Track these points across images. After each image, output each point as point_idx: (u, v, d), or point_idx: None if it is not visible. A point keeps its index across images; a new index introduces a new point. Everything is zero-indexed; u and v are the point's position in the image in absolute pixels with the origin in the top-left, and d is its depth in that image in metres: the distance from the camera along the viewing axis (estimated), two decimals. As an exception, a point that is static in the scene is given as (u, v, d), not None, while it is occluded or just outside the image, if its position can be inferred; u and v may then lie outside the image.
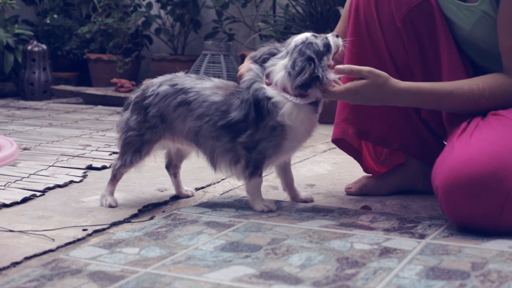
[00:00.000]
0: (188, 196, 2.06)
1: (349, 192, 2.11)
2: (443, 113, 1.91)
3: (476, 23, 1.79)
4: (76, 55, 5.58)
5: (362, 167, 2.20)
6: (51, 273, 1.36)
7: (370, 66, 1.97)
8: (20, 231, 1.66)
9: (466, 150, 1.61)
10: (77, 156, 2.68)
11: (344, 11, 2.10)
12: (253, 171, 1.84)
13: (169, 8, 5.39)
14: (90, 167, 2.48)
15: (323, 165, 2.60)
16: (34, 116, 3.98)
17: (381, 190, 2.10)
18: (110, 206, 1.91)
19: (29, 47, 4.96)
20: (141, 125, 1.89)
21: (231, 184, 2.22)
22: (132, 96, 1.95)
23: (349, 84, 1.77)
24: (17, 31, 5.09)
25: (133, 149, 1.91)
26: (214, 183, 2.24)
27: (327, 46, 1.82)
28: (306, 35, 1.83)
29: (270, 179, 2.28)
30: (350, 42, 2.00)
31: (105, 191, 1.95)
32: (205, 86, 1.86)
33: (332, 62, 1.83)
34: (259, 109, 1.79)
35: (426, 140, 2.05)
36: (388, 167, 2.18)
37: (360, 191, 2.10)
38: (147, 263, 1.42)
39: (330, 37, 1.85)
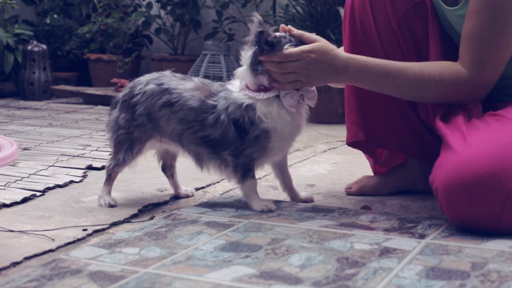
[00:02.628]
0: (188, 196, 2.06)
1: (349, 192, 2.11)
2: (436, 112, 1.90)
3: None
4: (76, 55, 5.58)
5: (372, 168, 2.20)
6: (51, 273, 1.36)
7: None
8: (20, 231, 1.66)
9: (465, 151, 1.61)
10: (77, 156, 2.68)
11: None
12: (244, 173, 1.84)
13: (169, 8, 5.39)
14: (90, 167, 2.48)
15: (323, 165, 2.60)
16: (34, 116, 3.98)
17: (381, 190, 2.10)
18: (110, 206, 1.91)
19: (29, 47, 4.96)
20: (130, 123, 1.90)
21: (231, 184, 2.22)
22: (120, 94, 1.96)
23: (302, 47, 1.77)
24: (17, 31, 5.09)
25: (125, 147, 1.92)
26: (214, 183, 2.24)
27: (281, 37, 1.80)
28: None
29: (270, 179, 2.28)
30: (346, 44, 2.00)
31: (102, 191, 1.96)
32: (186, 88, 1.86)
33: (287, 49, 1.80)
34: (240, 126, 1.80)
35: (425, 140, 2.05)
36: (388, 168, 2.18)
37: (360, 191, 2.10)
38: (147, 263, 1.42)
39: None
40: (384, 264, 1.41)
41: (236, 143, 1.81)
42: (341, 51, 1.81)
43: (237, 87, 1.84)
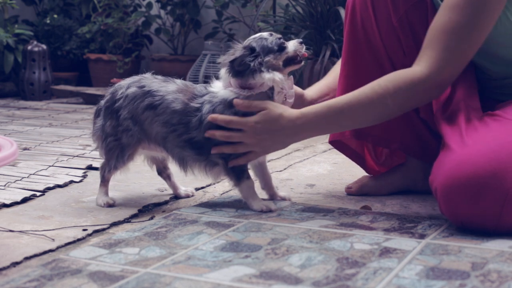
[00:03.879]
0: (188, 196, 2.06)
1: (349, 192, 2.11)
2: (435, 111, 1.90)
3: None
4: (76, 55, 5.58)
5: (364, 168, 2.20)
6: (51, 273, 1.36)
7: (367, 66, 1.97)
8: (20, 231, 1.66)
9: (464, 151, 1.60)
10: (77, 156, 2.68)
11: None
12: (238, 176, 1.85)
13: (169, 8, 5.39)
14: (90, 167, 2.48)
15: (323, 165, 2.60)
16: (34, 116, 3.98)
17: (381, 190, 2.10)
18: (109, 205, 1.91)
19: (29, 47, 4.96)
20: (116, 130, 1.89)
21: (231, 184, 2.22)
22: (102, 102, 1.94)
23: (247, 118, 1.77)
24: (17, 31, 5.09)
25: (115, 154, 1.91)
26: (214, 183, 2.24)
27: (280, 46, 1.80)
28: (262, 33, 1.85)
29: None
30: (346, 43, 2.00)
31: (99, 192, 1.96)
32: (169, 90, 1.85)
33: (280, 64, 1.80)
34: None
35: (425, 140, 2.05)
36: (388, 168, 2.18)
37: (360, 191, 2.10)
38: (147, 263, 1.42)
39: (293, 41, 1.84)
40: (384, 264, 1.41)
41: (223, 143, 1.81)
42: (289, 111, 1.77)
43: (220, 87, 1.84)
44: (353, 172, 2.41)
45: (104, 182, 1.96)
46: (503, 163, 1.56)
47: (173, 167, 2.03)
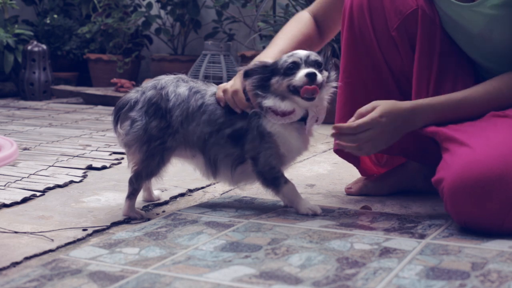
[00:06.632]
0: (158, 199, 1.99)
1: (349, 192, 2.11)
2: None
3: (488, 24, 1.77)
4: (76, 55, 5.58)
5: (360, 171, 2.18)
6: (51, 273, 1.35)
7: (366, 73, 1.97)
8: (20, 231, 1.66)
9: (473, 152, 1.60)
10: (77, 156, 2.68)
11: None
12: (275, 183, 1.81)
13: (169, 8, 5.39)
14: (90, 167, 2.48)
15: (323, 165, 2.60)
16: (34, 116, 3.98)
17: (381, 190, 2.10)
18: (141, 217, 1.82)
19: (29, 47, 4.96)
20: (164, 132, 1.79)
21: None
22: (137, 96, 1.81)
23: (370, 115, 1.73)
24: (17, 31, 5.09)
25: (156, 160, 1.81)
26: (214, 183, 2.24)
27: (286, 69, 1.74)
28: (298, 51, 1.79)
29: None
30: (345, 50, 2.00)
31: (128, 207, 1.82)
32: (214, 90, 1.84)
33: (284, 89, 1.74)
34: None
35: (425, 144, 2.04)
36: (389, 168, 2.17)
37: (360, 191, 2.10)
38: (147, 263, 1.42)
39: (302, 72, 1.73)
40: (384, 264, 1.41)
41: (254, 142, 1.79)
42: (402, 102, 1.78)
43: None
44: (353, 172, 2.41)
45: (135, 194, 1.82)
46: (511, 165, 1.56)
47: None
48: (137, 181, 1.81)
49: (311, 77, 1.72)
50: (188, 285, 1.29)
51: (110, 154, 2.72)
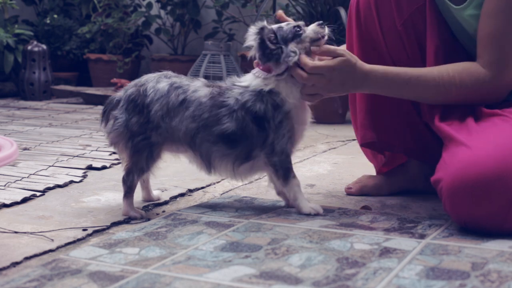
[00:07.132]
0: (158, 199, 2.00)
1: (349, 192, 2.11)
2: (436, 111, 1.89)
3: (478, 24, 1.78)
4: (76, 55, 5.58)
5: (376, 169, 2.20)
6: (51, 273, 1.36)
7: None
8: (20, 231, 1.66)
9: (472, 152, 1.60)
10: (77, 156, 2.68)
11: None
12: (285, 174, 1.81)
13: (169, 8, 5.39)
14: (90, 167, 2.48)
15: (323, 165, 2.60)
16: (34, 116, 3.98)
17: (381, 190, 2.10)
18: (142, 217, 1.81)
19: (29, 47, 4.96)
20: (145, 127, 1.80)
21: (231, 184, 2.22)
22: (120, 95, 1.83)
23: (326, 61, 1.78)
24: (17, 31, 5.09)
25: (144, 155, 1.81)
26: (214, 183, 2.24)
27: (295, 34, 1.80)
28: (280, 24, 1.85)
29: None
30: (356, 46, 2.00)
31: (127, 206, 1.82)
32: (197, 85, 1.83)
33: (305, 47, 1.80)
34: (261, 116, 1.79)
35: (427, 142, 2.05)
36: (391, 168, 2.17)
37: (360, 191, 2.10)
38: (147, 263, 1.42)
39: (312, 26, 1.83)
40: (384, 264, 1.41)
41: (256, 137, 1.79)
42: (363, 63, 1.81)
43: (249, 79, 1.82)
44: (353, 172, 2.41)
45: (131, 192, 1.82)
46: (510, 165, 1.55)
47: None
48: (129, 178, 1.82)
49: (322, 25, 1.82)
50: (188, 285, 1.29)
51: (110, 154, 2.72)
